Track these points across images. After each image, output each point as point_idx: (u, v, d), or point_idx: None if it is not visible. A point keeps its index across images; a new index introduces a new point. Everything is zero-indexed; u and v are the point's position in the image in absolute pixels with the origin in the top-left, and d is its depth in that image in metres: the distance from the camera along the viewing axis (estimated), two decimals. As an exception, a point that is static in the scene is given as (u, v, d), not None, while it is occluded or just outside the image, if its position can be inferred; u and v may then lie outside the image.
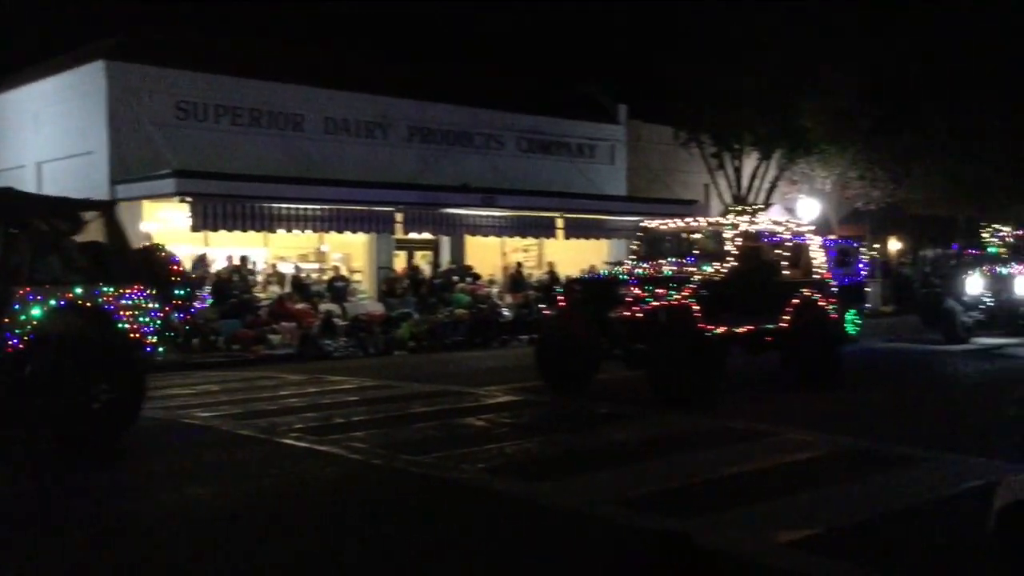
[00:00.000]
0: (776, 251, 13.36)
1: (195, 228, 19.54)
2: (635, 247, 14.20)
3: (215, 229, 19.84)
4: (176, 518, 6.76)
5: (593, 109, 30.80)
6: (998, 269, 19.63)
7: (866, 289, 20.79)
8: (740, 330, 12.24)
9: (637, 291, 11.46)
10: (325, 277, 23.07)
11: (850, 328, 18.93)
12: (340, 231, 21.83)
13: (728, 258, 12.42)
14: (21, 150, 23.80)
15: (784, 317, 12.81)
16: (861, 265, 20.18)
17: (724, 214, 31.74)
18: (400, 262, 25.35)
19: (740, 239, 12.92)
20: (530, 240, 27.83)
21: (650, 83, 29.28)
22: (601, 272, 18.75)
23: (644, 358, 11.28)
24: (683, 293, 11.54)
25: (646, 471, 7.99)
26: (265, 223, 20.32)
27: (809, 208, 32.60)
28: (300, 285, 21.66)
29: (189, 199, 19.27)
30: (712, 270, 12.28)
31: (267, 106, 23.00)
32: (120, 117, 20.76)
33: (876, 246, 36.92)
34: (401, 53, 31.58)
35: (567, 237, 25.83)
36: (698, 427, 10.00)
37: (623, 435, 9.75)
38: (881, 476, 7.74)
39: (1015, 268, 19.45)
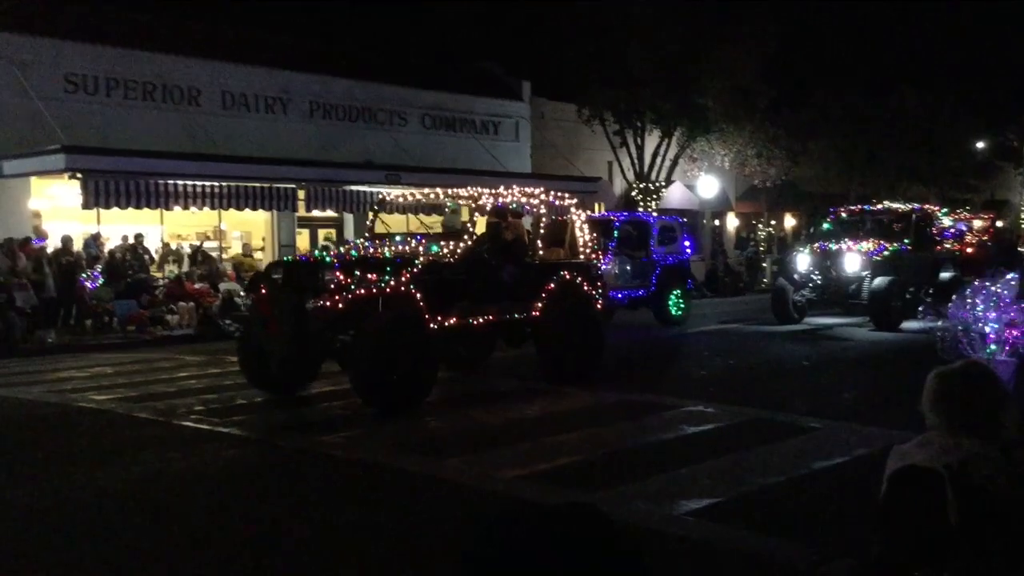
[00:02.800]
0: (535, 229, 11.81)
1: (86, 206, 18.82)
2: (369, 223, 12.41)
3: (108, 207, 19.15)
4: (64, 504, 6.53)
5: (497, 86, 30.76)
6: (828, 245, 18.46)
7: (696, 269, 20.84)
8: (477, 321, 10.54)
9: (342, 277, 9.48)
10: (227, 256, 22.52)
11: (673, 310, 19.04)
12: (240, 208, 21.31)
13: (465, 237, 10.75)
14: None
15: (538, 304, 11.16)
16: (687, 243, 20.13)
17: (627, 192, 32.33)
18: (303, 240, 24.95)
19: (480, 214, 11.50)
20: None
21: (553, 60, 29.39)
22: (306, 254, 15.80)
23: (347, 355, 9.49)
24: (401, 279, 9.67)
25: (550, 446, 8.05)
26: (160, 200, 19.69)
27: (709, 185, 33.30)
28: (207, 260, 21.14)
29: (79, 176, 18.53)
30: (440, 251, 10.41)
31: (161, 80, 22.26)
32: (5, 90, 19.83)
33: (773, 222, 37.98)
34: (302, 26, 30.99)
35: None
36: (602, 401, 10.14)
37: (527, 411, 9.81)
38: (781, 444, 7.96)
39: (844, 245, 18.27)
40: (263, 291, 10.18)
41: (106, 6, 24.17)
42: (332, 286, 9.39)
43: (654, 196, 31.73)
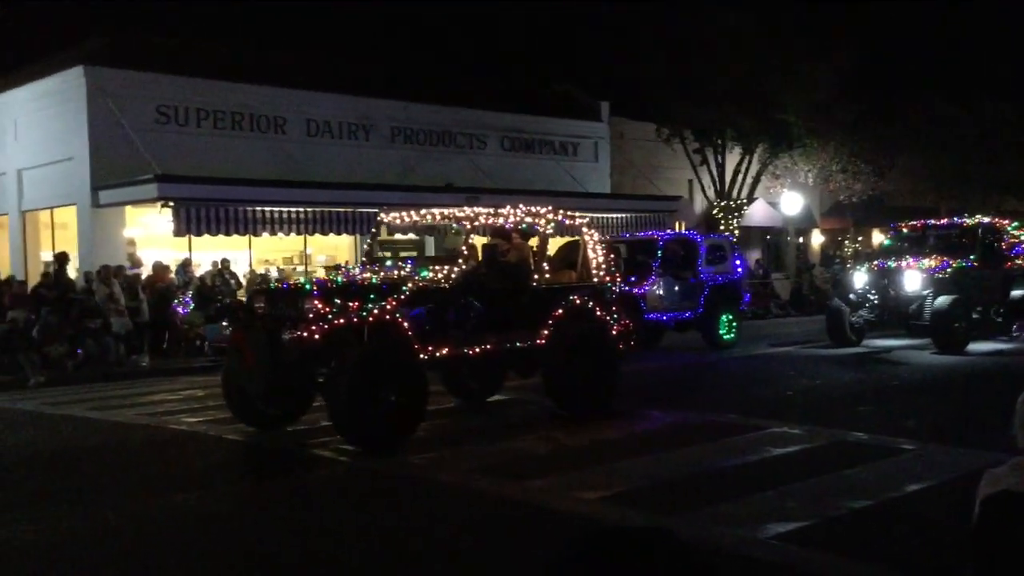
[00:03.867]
0: (541, 250, 10.99)
1: (178, 233, 19.45)
2: (368, 246, 11.58)
3: (198, 234, 19.76)
4: (158, 525, 6.72)
5: (575, 107, 30.83)
6: (886, 263, 17.41)
7: (760, 288, 19.74)
8: (473, 351, 9.72)
9: (320, 305, 8.78)
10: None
11: (723, 333, 18.08)
12: (324, 233, 21.79)
13: (460, 260, 9.96)
14: (2, 157, 23.62)
15: (544, 332, 10.30)
16: (738, 262, 19.16)
17: (708, 210, 32.01)
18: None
19: (476, 235, 10.69)
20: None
21: (631, 80, 29.35)
22: (291, 281, 14.87)
23: (324, 389, 8.88)
24: (386, 306, 8.97)
25: (632, 468, 8.00)
26: (248, 227, 20.25)
27: (792, 202, 32.77)
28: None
29: (171, 204, 19.18)
30: (432, 276, 9.74)
31: (248, 109, 22.91)
32: (100, 122, 20.64)
33: (860, 239, 37.15)
34: (382, 54, 31.54)
35: (552, 236, 25.86)
36: (687, 423, 10.04)
37: (608, 432, 9.76)
38: (869, 467, 7.77)
39: (904, 262, 17.11)
40: (241, 321, 9.59)
41: (195, 40, 25.02)
42: (311, 315, 8.69)
43: (736, 214, 31.37)
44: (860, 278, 17.40)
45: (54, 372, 15.89)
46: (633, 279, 16.86)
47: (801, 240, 36.79)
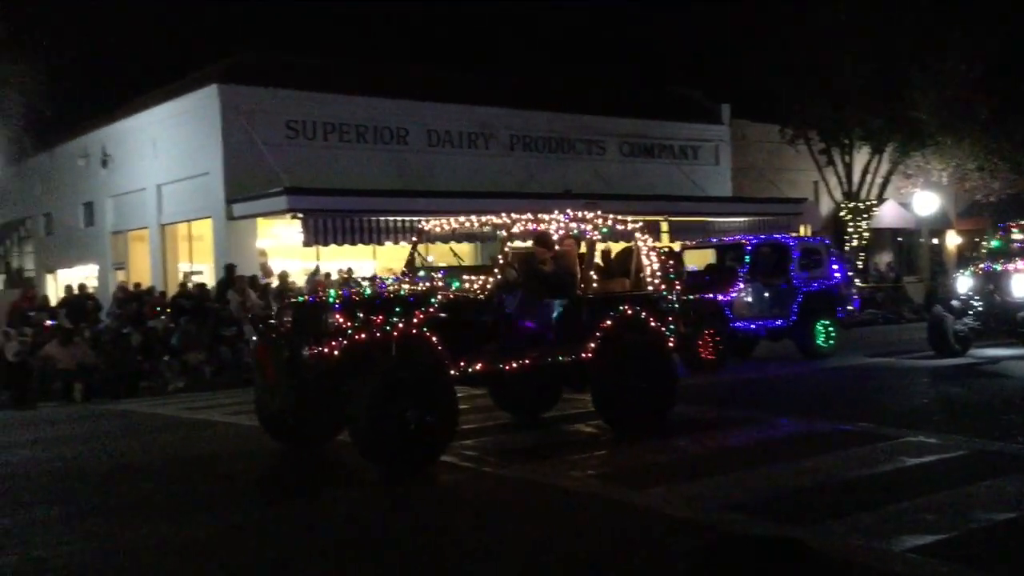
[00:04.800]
0: (588, 257, 10.31)
1: (307, 243, 20.10)
2: (410, 255, 10.99)
3: (326, 244, 20.36)
4: (294, 524, 6.94)
5: (695, 110, 30.47)
6: (991, 266, 15.96)
7: (849, 295, 18.13)
8: (510, 366, 9.19)
9: (342, 319, 8.37)
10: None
11: (819, 342, 16.97)
12: (445, 241, 22.07)
13: (496, 271, 9.28)
14: (142, 174, 24.87)
15: (591, 345, 9.66)
16: (835, 267, 17.91)
17: (835, 212, 31.09)
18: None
19: (514, 241, 10.06)
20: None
21: (753, 81, 28.81)
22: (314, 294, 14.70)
23: (344, 407, 8.27)
24: (413, 320, 8.51)
25: (759, 476, 7.83)
26: (372, 236, 20.76)
27: (926, 202, 31.56)
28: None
29: (300, 215, 19.83)
30: (464, 287, 9.17)
31: (372, 121, 23.49)
32: (233, 138, 21.50)
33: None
34: (501, 64, 31.85)
35: (672, 241, 25.60)
36: (814, 431, 9.77)
37: (733, 440, 9.59)
38: (1012, 478, 7.41)
39: (1013, 265, 15.67)
40: (268, 336, 9.28)
41: (321, 57, 25.80)
42: (332, 330, 8.30)
43: (864, 216, 30.41)
44: (964, 283, 16.08)
45: (192, 378, 16.61)
46: (719, 286, 16.26)
47: (935, 241, 35.37)
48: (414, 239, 11.41)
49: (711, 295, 15.98)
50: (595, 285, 10.05)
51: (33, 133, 27.35)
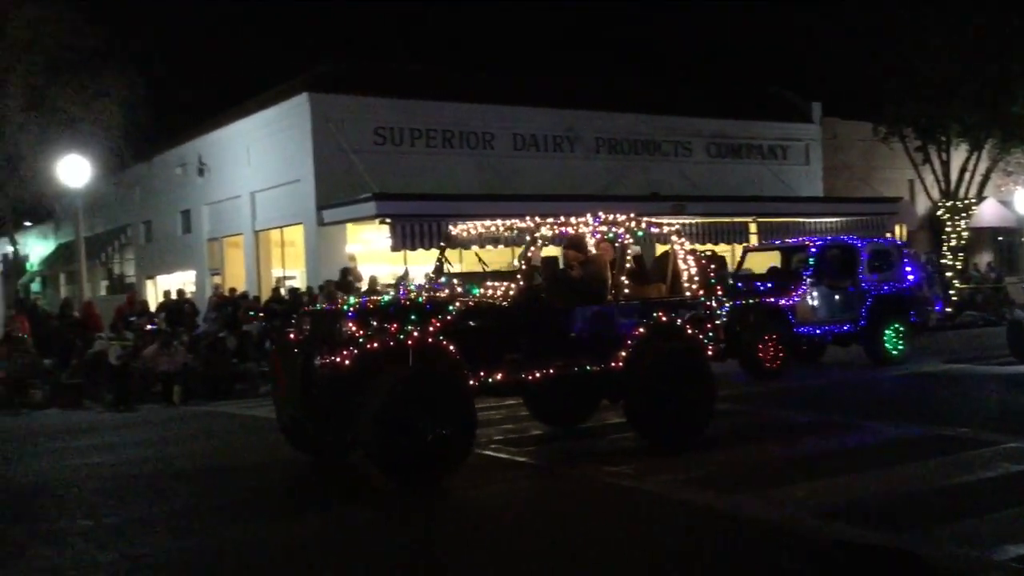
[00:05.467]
0: (619, 261, 9.69)
1: (395, 248, 20.36)
2: (438, 260, 10.57)
3: (413, 248, 20.59)
4: (380, 528, 7.04)
5: (785, 109, 29.93)
6: None
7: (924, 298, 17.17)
8: (533, 376, 8.76)
9: (354, 327, 8.10)
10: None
11: (890, 347, 16.08)
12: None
13: (518, 276, 8.94)
14: (236, 182, 25.55)
15: (621, 354, 9.17)
16: (908, 269, 16.92)
17: (932, 211, 30.19)
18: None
19: (538, 245, 9.70)
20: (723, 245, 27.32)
21: (845, 78, 28.19)
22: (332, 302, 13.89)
23: (355, 420, 7.92)
24: (429, 328, 8.21)
25: (849, 482, 7.65)
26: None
27: (1028, 200, 30.41)
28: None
29: (388, 220, 20.11)
30: (484, 294, 8.86)
31: (458, 126, 23.70)
32: (323, 145, 21.93)
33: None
34: (586, 66, 31.80)
35: (761, 242, 25.21)
36: (909, 436, 9.51)
37: (824, 445, 9.39)
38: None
39: None
40: (283, 345, 9.12)
41: (408, 63, 26.15)
42: (344, 339, 8.06)
43: (963, 215, 29.45)
44: None
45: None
46: (782, 290, 15.62)
47: (1039, 241, 34.04)
48: (442, 244, 11.11)
49: (772, 299, 15.45)
50: (627, 291, 9.47)
51: (133, 144, 28.34)
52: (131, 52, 26.24)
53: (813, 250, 16.32)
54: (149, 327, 18.10)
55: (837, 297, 15.93)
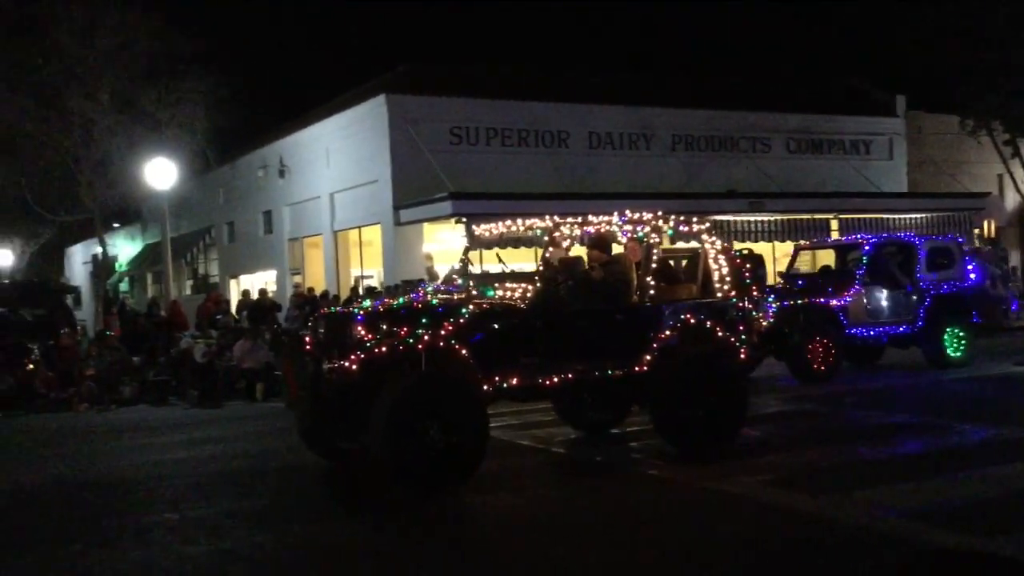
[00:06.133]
0: (646, 261, 9.26)
1: (470, 247, 20.43)
2: (461, 260, 10.44)
3: (488, 247, 20.63)
4: (461, 524, 7.09)
5: (867, 103, 29.27)
6: None
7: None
8: (550, 381, 8.45)
9: (364, 331, 7.86)
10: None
11: (950, 350, 15.31)
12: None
13: (536, 277, 8.76)
14: (316, 182, 25.98)
15: (646, 357, 8.82)
16: (969, 267, 16.06)
17: (1023, 207, 29.15)
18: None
19: (565, 246, 9.33)
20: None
21: (930, 70, 27.45)
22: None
23: (365, 429, 7.68)
24: (440, 332, 7.94)
25: (943, 484, 7.44)
26: (534, 240, 20.90)
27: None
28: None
29: (464, 220, 20.23)
30: (498, 296, 8.60)
31: (534, 125, 23.73)
32: (400, 146, 22.17)
33: None
34: (660, 63, 31.53)
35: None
36: (1000, 437, 9.22)
37: (913, 446, 9.16)
38: None
39: None
40: (292, 350, 8.96)
41: (484, 64, 26.26)
42: (353, 343, 7.82)
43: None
44: None
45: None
46: (834, 290, 15.02)
47: None
48: (466, 244, 10.70)
49: (823, 300, 14.91)
50: (652, 292, 9.07)
51: (217, 146, 29.07)
52: (214, 57, 26.88)
53: (867, 248, 15.69)
54: (233, 325, 18.52)
55: (892, 297, 15.28)
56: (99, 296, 28.40)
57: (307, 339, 8.72)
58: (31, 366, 15.96)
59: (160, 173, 21.58)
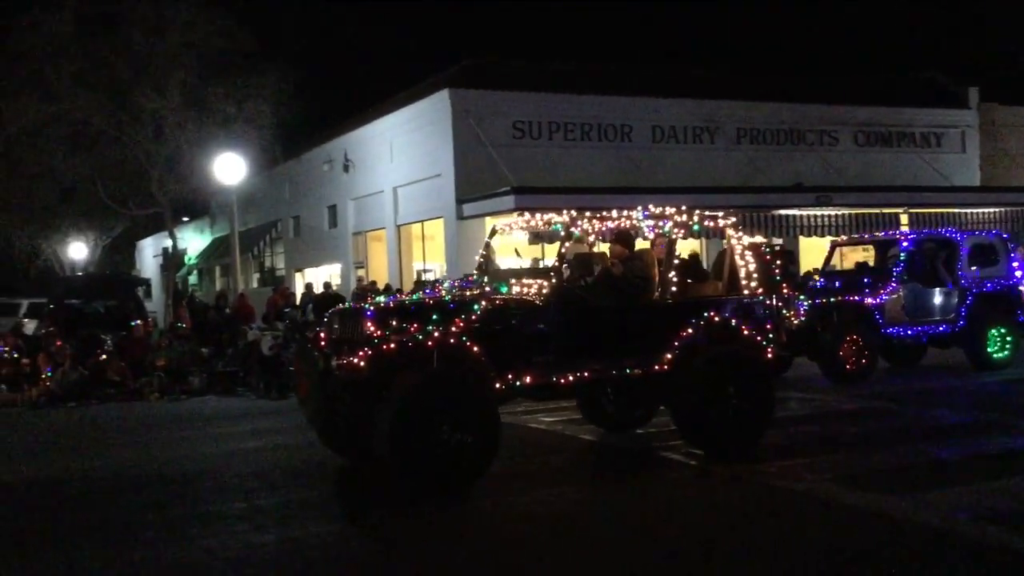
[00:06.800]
0: (668, 257, 8.96)
1: (532, 241, 20.41)
2: (480, 257, 10.29)
3: (551, 242, 20.60)
4: (512, 519, 7.10)
5: (939, 95, 28.59)
6: None
7: None
8: (565, 379, 8.25)
9: (373, 328, 7.73)
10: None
11: (993, 351, 14.65)
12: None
13: (551, 274, 8.48)
14: (379, 177, 26.22)
15: (667, 356, 8.58)
16: (1015, 264, 15.23)
17: None
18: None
19: (582, 241, 9.15)
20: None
21: (1004, 60, 26.72)
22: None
23: (371, 425, 7.54)
24: (451, 328, 7.78)
25: (1013, 485, 7.25)
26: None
27: None
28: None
29: (526, 214, 20.19)
30: (513, 292, 8.39)
31: (596, 119, 23.64)
32: (463, 140, 22.26)
33: None
34: (724, 56, 31.18)
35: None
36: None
37: (991, 446, 8.93)
38: None
39: None
40: (306, 346, 8.91)
41: (545, 58, 26.25)
42: (363, 340, 7.71)
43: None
44: None
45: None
46: (870, 287, 14.41)
47: None
48: (487, 240, 10.47)
49: (857, 298, 14.28)
50: (674, 289, 8.82)
51: (282, 141, 29.46)
52: (280, 53, 27.26)
53: (905, 244, 15.07)
54: (300, 319, 18.77)
55: (932, 295, 14.68)
56: (168, 288, 29.01)
57: (321, 335, 8.62)
58: (103, 357, 16.35)
59: (228, 168, 21.96)
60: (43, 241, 37.97)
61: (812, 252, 25.11)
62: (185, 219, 41.42)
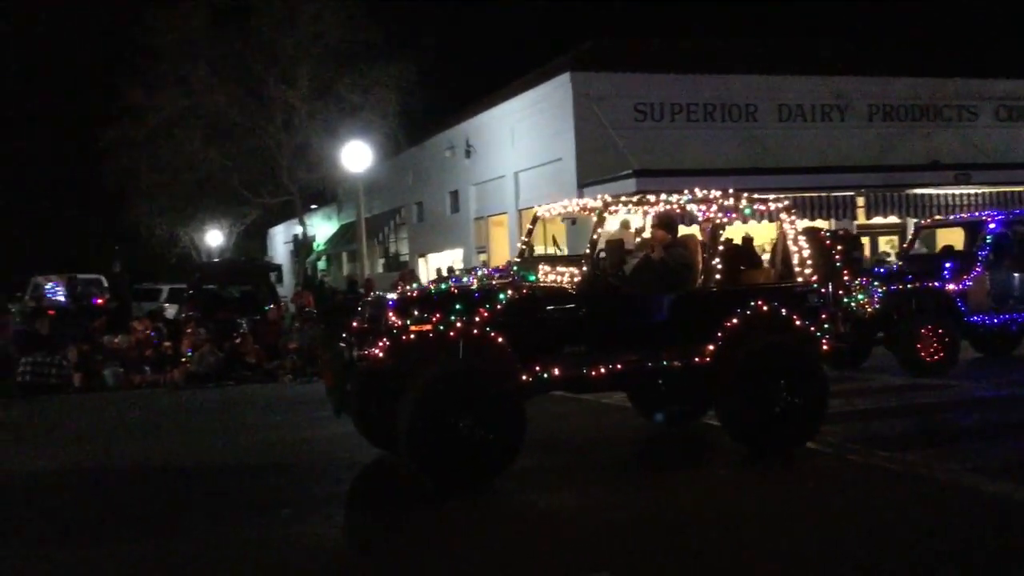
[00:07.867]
0: (712, 243, 8.58)
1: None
2: (522, 243, 9.84)
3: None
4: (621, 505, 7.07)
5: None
6: None
7: None
8: (597, 371, 7.78)
9: (395, 318, 7.48)
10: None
11: None
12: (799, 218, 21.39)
13: (582, 260, 8.02)
14: (501, 162, 26.40)
15: (709, 347, 8.05)
16: None
17: None
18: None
19: (631, 226, 8.32)
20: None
21: None
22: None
23: (394, 423, 7.25)
24: (475, 319, 7.46)
25: None
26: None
27: None
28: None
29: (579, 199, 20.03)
30: (540, 281, 8.07)
31: (720, 99, 23.21)
32: (584, 124, 22.18)
33: None
34: (854, 30, 30.12)
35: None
36: None
37: None
38: None
39: None
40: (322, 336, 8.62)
41: (666, 38, 25.87)
42: (385, 330, 7.48)
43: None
44: None
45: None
46: (954, 273, 13.40)
47: None
48: (529, 227, 10.00)
49: (937, 284, 13.37)
50: (719, 277, 8.34)
51: (406, 129, 29.97)
52: (404, 42, 27.67)
53: (992, 226, 13.93)
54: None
55: (1021, 281, 13.63)
56: (298, 274, 29.98)
57: (353, 324, 8.24)
58: (239, 340, 17.00)
59: (355, 156, 22.45)
60: (181, 229, 39.73)
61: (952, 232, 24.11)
62: (313, 206, 42.65)
